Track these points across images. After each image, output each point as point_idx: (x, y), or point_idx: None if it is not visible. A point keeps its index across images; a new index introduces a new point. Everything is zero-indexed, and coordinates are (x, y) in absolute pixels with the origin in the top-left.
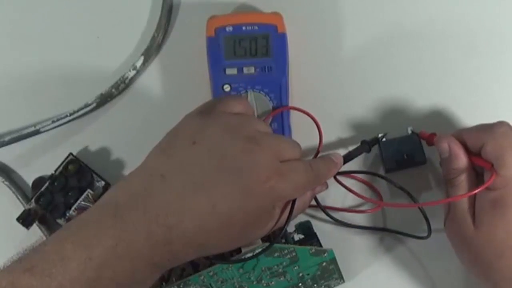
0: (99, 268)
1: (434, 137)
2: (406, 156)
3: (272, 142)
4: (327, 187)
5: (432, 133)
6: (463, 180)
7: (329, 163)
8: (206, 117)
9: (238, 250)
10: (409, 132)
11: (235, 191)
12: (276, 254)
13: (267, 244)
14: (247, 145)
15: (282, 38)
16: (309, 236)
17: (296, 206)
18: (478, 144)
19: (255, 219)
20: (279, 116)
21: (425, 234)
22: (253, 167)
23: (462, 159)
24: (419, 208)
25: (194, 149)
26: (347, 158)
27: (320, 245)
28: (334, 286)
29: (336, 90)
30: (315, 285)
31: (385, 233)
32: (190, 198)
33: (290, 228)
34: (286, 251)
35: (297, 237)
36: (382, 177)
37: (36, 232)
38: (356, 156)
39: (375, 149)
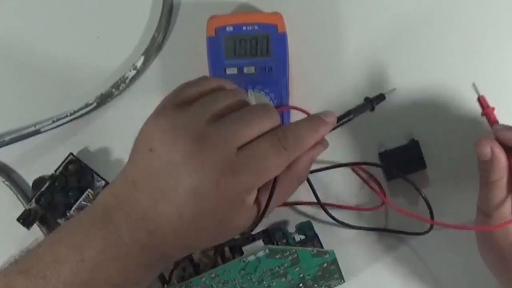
0: (92, 270)
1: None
2: (406, 164)
3: (224, 131)
4: (326, 145)
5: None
6: (503, 185)
7: (315, 123)
8: (158, 117)
9: (240, 252)
10: (409, 139)
11: (192, 197)
12: (277, 256)
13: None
14: (193, 147)
15: (282, 38)
16: (310, 237)
17: (285, 181)
18: None
19: (226, 215)
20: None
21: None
22: (200, 173)
23: (503, 163)
24: (423, 197)
25: (151, 156)
26: (343, 117)
27: (321, 246)
28: (335, 286)
29: (337, 89)
30: (316, 285)
31: (385, 233)
32: (160, 204)
33: (291, 228)
34: (287, 253)
35: (298, 237)
36: (394, 175)
37: (36, 232)
38: (356, 115)
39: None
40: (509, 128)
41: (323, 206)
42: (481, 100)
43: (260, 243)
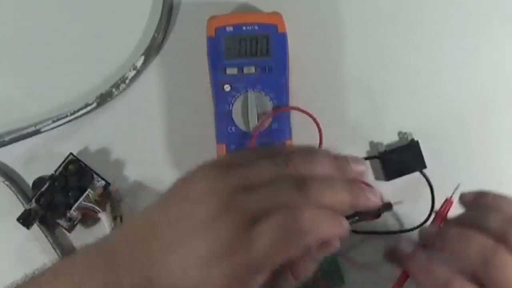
0: None
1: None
2: (406, 164)
3: (254, 203)
4: (335, 248)
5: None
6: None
7: (339, 225)
8: (207, 169)
9: None
10: (409, 139)
11: (202, 261)
12: None
13: None
14: (218, 210)
15: (282, 37)
16: None
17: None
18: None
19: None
20: (279, 116)
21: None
22: (215, 239)
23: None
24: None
25: (184, 206)
26: (350, 217)
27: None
28: (335, 286)
29: (337, 90)
30: (316, 285)
31: (386, 236)
32: (170, 255)
33: None
34: None
35: None
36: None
37: (36, 232)
38: (361, 220)
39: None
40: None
41: None
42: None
43: None
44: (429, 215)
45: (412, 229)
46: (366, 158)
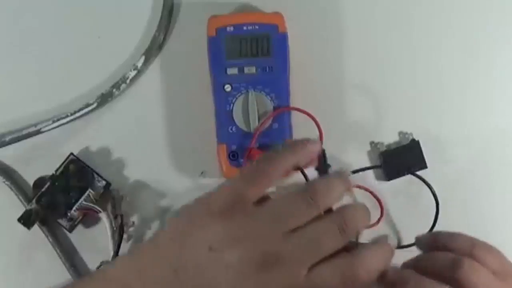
0: None
1: None
2: (407, 164)
3: (299, 251)
4: None
5: None
6: None
7: (383, 253)
8: (226, 218)
9: None
10: (410, 139)
11: None
12: None
13: None
14: (261, 263)
15: (283, 38)
16: None
17: None
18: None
19: None
20: (280, 116)
21: None
22: None
23: None
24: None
25: (209, 255)
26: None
27: None
28: None
29: (337, 90)
30: None
31: None
32: None
33: None
34: None
35: None
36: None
37: (36, 232)
38: None
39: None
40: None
41: None
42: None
43: None
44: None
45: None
46: (367, 168)
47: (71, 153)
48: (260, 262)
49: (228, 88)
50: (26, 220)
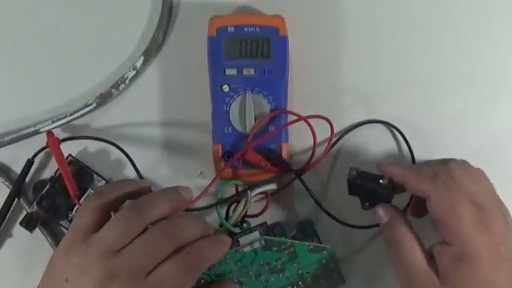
0: None
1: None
2: (373, 197)
3: (133, 262)
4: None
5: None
6: (407, 242)
7: (218, 242)
8: (68, 252)
9: (236, 243)
10: (383, 182)
11: None
12: (274, 249)
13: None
14: (104, 284)
15: (283, 41)
16: (310, 233)
17: None
18: (422, 195)
19: None
20: (276, 119)
21: None
22: None
23: (403, 225)
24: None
25: (67, 286)
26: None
27: (320, 243)
28: (335, 286)
29: (335, 95)
30: (316, 284)
31: None
32: None
33: (291, 227)
34: (284, 246)
35: (297, 235)
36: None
37: (38, 235)
38: None
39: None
40: (394, 164)
41: (323, 208)
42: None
43: (256, 234)
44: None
45: None
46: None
47: (69, 154)
48: (103, 281)
49: (226, 88)
50: (28, 223)
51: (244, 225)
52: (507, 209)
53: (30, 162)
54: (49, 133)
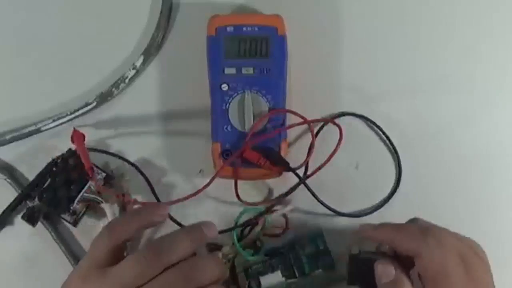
0: None
1: None
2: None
3: None
4: None
5: None
6: None
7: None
8: (84, 282)
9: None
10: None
11: None
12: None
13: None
14: None
15: (282, 40)
16: (322, 251)
17: None
18: (411, 255)
19: None
20: (275, 118)
21: None
22: None
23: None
24: None
25: None
26: None
27: (332, 262)
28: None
29: (334, 94)
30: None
31: None
32: None
33: (302, 239)
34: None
35: (309, 249)
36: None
37: (40, 229)
38: None
39: None
40: (377, 227)
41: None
42: None
43: (278, 275)
44: None
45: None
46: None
47: (69, 149)
48: None
49: (225, 87)
50: (30, 217)
51: (257, 243)
52: (483, 251)
53: (52, 164)
54: (75, 129)
